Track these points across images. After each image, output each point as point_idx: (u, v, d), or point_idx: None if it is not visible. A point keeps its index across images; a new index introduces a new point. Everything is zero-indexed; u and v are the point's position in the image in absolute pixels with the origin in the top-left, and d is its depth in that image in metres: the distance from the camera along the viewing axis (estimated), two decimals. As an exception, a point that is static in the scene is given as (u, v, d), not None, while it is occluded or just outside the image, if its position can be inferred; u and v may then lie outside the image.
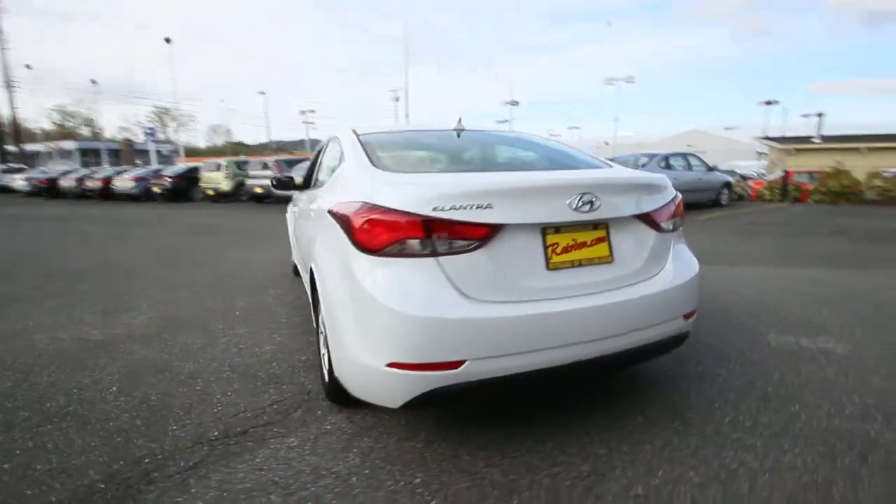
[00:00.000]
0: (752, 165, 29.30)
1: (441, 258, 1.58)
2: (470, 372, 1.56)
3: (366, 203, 1.66)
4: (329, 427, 2.06)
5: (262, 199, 15.08)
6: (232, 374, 2.61)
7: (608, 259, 1.79)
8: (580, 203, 1.68)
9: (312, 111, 46.56)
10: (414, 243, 1.57)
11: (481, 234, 1.59)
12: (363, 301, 1.64)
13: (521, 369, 1.60)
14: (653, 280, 1.86)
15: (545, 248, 1.69)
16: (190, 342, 3.09)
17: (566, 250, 1.71)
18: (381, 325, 1.60)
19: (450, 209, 1.57)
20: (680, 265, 1.99)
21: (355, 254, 1.67)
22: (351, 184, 1.98)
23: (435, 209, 1.57)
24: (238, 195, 16.33)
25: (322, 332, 2.32)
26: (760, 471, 1.70)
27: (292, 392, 2.39)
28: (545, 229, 1.69)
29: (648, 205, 1.88)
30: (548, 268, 1.68)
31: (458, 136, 2.62)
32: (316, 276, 2.08)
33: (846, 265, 5.30)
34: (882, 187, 12.84)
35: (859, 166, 14.76)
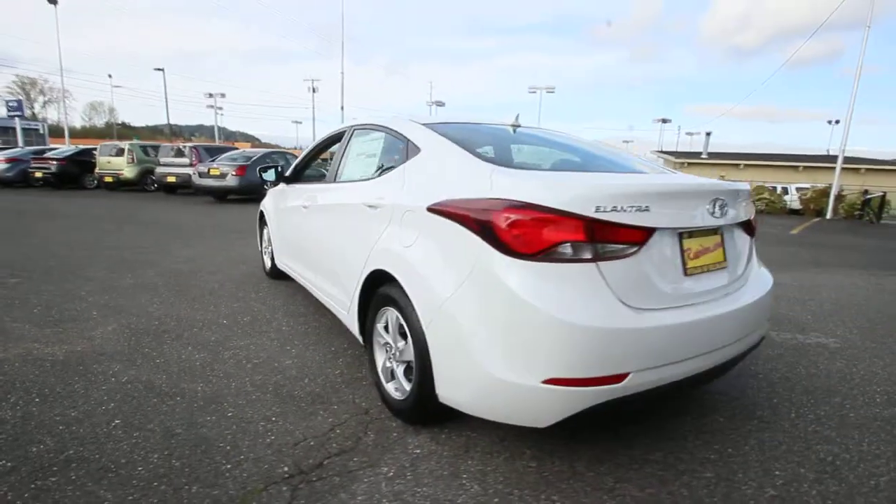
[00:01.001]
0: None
1: (601, 263, 1.46)
2: (632, 385, 1.46)
3: (515, 201, 1.48)
4: (419, 451, 1.83)
5: (174, 189, 13.47)
6: (262, 394, 2.23)
7: (724, 265, 1.80)
8: (716, 208, 1.66)
9: (222, 95, 42.06)
10: (575, 246, 1.44)
11: (640, 238, 1.50)
12: (514, 312, 1.45)
13: (671, 379, 1.54)
14: (751, 285, 1.92)
15: (682, 252, 1.64)
16: (186, 358, 2.59)
17: (697, 255, 1.68)
18: (540, 337, 1.43)
19: (611, 210, 1.46)
20: (762, 270, 2.07)
21: (499, 258, 1.48)
22: (455, 178, 1.77)
23: (598, 210, 1.45)
24: (143, 184, 14.43)
25: (387, 345, 2.07)
26: (854, 460, 1.83)
27: (348, 413, 2.10)
28: (682, 234, 1.65)
29: (748, 212, 1.94)
30: (685, 273, 1.64)
31: (514, 131, 2.50)
32: (404, 282, 1.82)
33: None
34: (768, 199, 15.00)
35: (739, 180, 17.15)
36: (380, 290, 2.12)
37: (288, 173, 3.73)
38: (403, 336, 2.00)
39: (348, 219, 2.41)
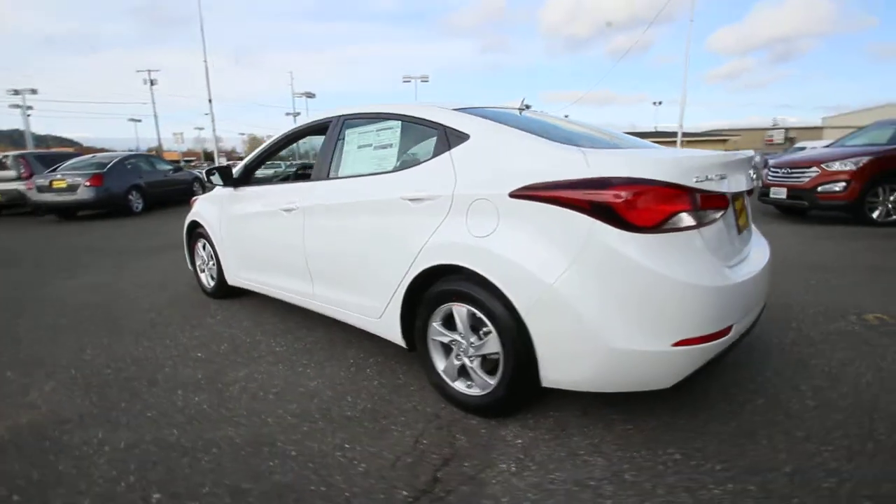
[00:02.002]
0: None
1: (702, 229, 1.58)
2: (732, 336, 1.63)
3: (632, 178, 1.51)
4: (521, 441, 1.81)
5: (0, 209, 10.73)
6: (313, 424, 1.97)
7: (747, 225, 2.08)
8: (753, 175, 1.91)
9: (33, 91, 32.65)
10: (684, 215, 1.53)
11: (724, 204, 1.66)
12: (641, 282, 1.50)
13: (743, 330, 1.74)
14: (760, 247, 2.21)
15: (735, 213, 1.86)
16: (185, 403, 2.15)
17: (738, 216, 1.92)
18: (670, 303, 1.51)
19: (705, 180, 1.58)
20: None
21: (618, 234, 1.51)
22: (534, 162, 1.73)
23: (697, 180, 1.56)
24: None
25: (453, 342, 1.98)
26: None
27: (420, 421, 1.97)
28: (734, 197, 1.86)
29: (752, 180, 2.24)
30: (738, 232, 1.86)
31: (520, 114, 2.52)
32: (487, 272, 1.75)
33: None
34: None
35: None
36: (435, 286, 2.01)
37: (237, 174, 3.26)
38: (475, 330, 1.93)
39: (376, 216, 2.21)
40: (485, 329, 1.90)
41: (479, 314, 1.86)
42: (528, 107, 2.52)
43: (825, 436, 1.76)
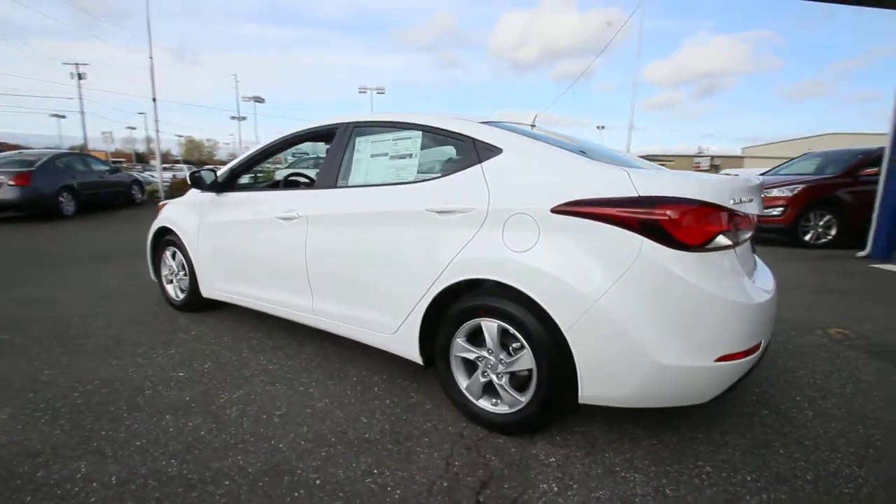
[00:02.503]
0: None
1: (736, 248, 1.66)
2: (760, 353, 1.70)
3: (683, 199, 1.55)
4: (554, 460, 1.78)
5: None
6: (331, 448, 1.83)
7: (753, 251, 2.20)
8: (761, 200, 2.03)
9: None
10: (725, 235, 1.59)
11: (751, 225, 1.75)
12: (687, 299, 1.54)
13: (763, 350, 1.83)
14: (763, 269, 2.31)
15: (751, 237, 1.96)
16: (179, 430, 1.93)
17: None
18: (714, 319, 1.56)
19: (739, 203, 1.66)
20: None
21: (666, 252, 1.54)
22: (576, 179, 1.74)
23: (733, 203, 1.64)
24: None
25: (480, 359, 1.93)
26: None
27: (446, 442, 1.89)
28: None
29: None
30: (753, 252, 1.97)
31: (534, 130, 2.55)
32: (525, 288, 1.72)
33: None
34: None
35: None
36: (461, 301, 1.96)
37: (220, 179, 3.04)
38: (503, 346, 1.90)
39: (397, 228, 2.12)
40: (514, 345, 1.87)
41: (511, 330, 1.83)
42: (533, 126, 2.56)
43: (831, 444, 1.88)
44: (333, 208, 2.39)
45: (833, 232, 6.95)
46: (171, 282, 3.55)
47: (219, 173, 3.04)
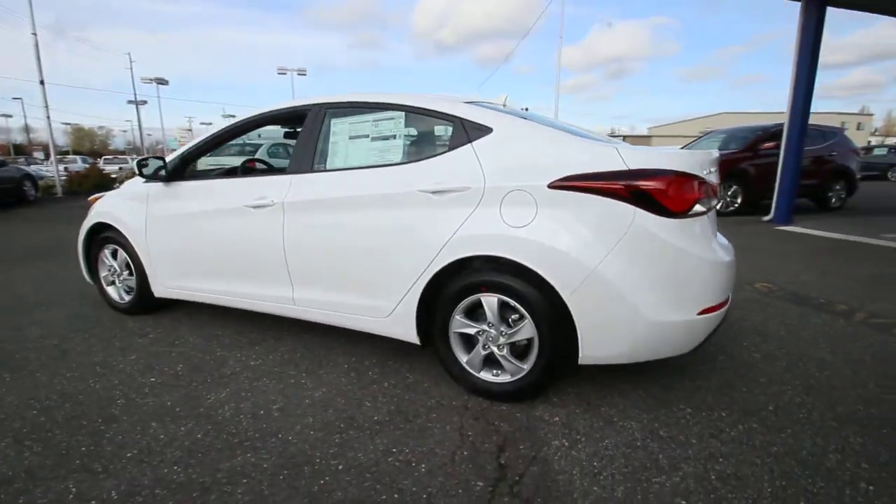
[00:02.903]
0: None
1: (707, 214, 1.85)
2: (727, 306, 1.93)
3: (670, 171, 1.69)
4: (558, 419, 1.91)
5: None
6: (343, 435, 1.82)
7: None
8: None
9: None
10: (701, 203, 1.77)
11: (716, 193, 1.96)
12: (675, 261, 1.72)
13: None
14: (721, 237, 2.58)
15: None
16: (171, 436, 1.81)
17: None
18: (697, 277, 1.75)
19: (708, 173, 1.85)
20: None
21: (656, 219, 1.69)
22: (568, 155, 1.83)
23: (706, 173, 1.82)
24: None
25: (480, 333, 2.01)
26: None
27: (455, 415, 1.95)
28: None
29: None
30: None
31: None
32: (525, 260, 1.81)
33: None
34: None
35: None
36: (459, 279, 2.01)
37: (169, 167, 2.79)
38: (503, 319, 1.98)
39: (388, 210, 2.10)
40: (513, 317, 1.96)
41: (511, 302, 1.92)
42: (504, 106, 2.63)
43: (780, 378, 2.20)
44: (314, 194, 2.30)
45: (739, 200, 7.86)
46: (112, 283, 3.22)
47: (167, 160, 2.79)
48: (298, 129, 2.51)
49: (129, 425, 1.90)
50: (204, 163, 8.93)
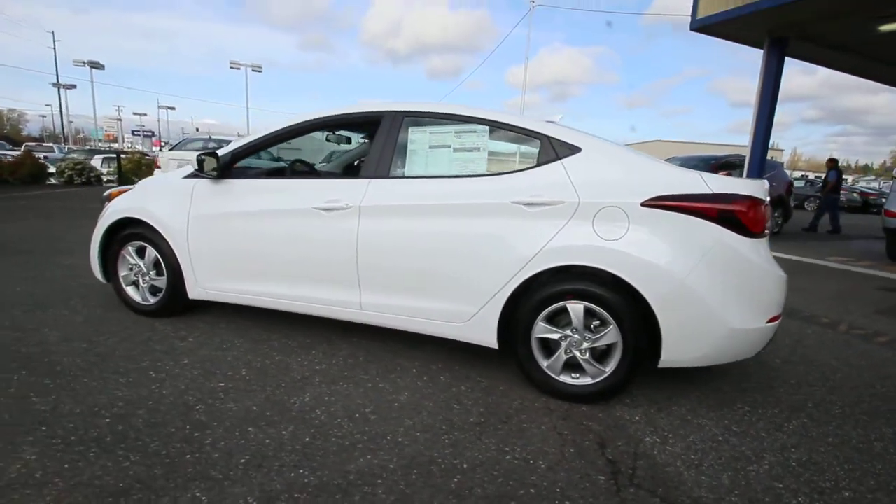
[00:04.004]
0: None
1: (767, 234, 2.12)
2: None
3: (750, 196, 1.94)
4: (639, 418, 2.08)
5: None
6: (449, 436, 1.88)
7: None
8: None
9: None
10: (767, 225, 2.04)
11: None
12: (753, 275, 1.96)
13: None
14: None
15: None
16: (277, 440, 1.77)
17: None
18: (769, 289, 1.99)
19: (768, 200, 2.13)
20: None
21: (738, 238, 1.92)
22: (655, 178, 2.03)
23: (767, 199, 2.09)
24: None
25: (563, 338, 2.14)
26: None
27: (540, 415, 2.07)
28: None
29: None
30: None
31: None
32: (619, 271, 1.97)
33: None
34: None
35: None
36: (546, 287, 2.13)
37: (219, 164, 2.69)
38: (586, 325, 2.13)
39: (477, 219, 2.18)
40: (595, 323, 2.12)
41: (597, 309, 2.07)
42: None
43: (806, 380, 2.53)
44: (395, 199, 2.34)
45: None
46: (133, 283, 3.01)
47: (220, 155, 2.69)
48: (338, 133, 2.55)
49: (225, 431, 1.83)
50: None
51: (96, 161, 14.59)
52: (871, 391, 2.44)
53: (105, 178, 13.13)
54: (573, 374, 2.20)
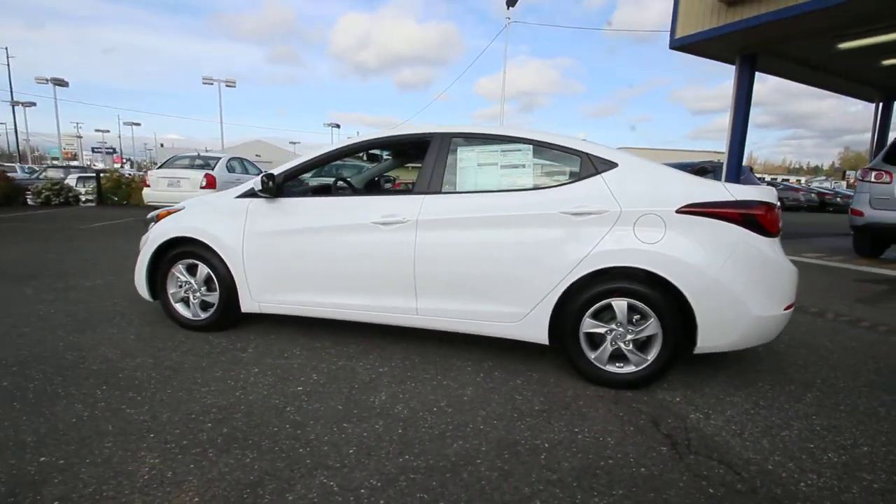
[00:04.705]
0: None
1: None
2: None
3: (766, 202, 2.27)
4: (678, 399, 2.35)
5: None
6: (523, 422, 2.10)
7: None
8: None
9: None
10: (780, 226, 2.37)
11: (778, 219, 2.59)
12: (772, 269, 2.29)
13: None
14: None
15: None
16: (371, 434, 1.96)
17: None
18: (785, 281, 2.32)
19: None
20: None
21: (759, 238, 2.25)
22: (685, 187, 2.34)
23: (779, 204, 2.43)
24: None
25: (609, 332, 2.41)
26: None
27: (594, 401, 2.32)
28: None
29: None
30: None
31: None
32: (660, 270, 2.26)
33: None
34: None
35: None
36: (592, 287, 2.40)
37: (275, 184, 2.86)
38: (629, 319, 2.40)
39: (529, 228, 2.44)
40: (636, 317, 2.39)
41: (640, 305, 2.35)
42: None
43: (810, 361, 2.88)
44: (450, 212, 2.58)
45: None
46: (182, 300, 3.12)
47: (276, 175, 2.87)
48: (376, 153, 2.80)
49: (323, 427, 2.00)
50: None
51: (71, 180, 14.19)
52: (867, 367, 2.81)
53: (83, 199, 12.78)
54: (618, 364, 2.46)
